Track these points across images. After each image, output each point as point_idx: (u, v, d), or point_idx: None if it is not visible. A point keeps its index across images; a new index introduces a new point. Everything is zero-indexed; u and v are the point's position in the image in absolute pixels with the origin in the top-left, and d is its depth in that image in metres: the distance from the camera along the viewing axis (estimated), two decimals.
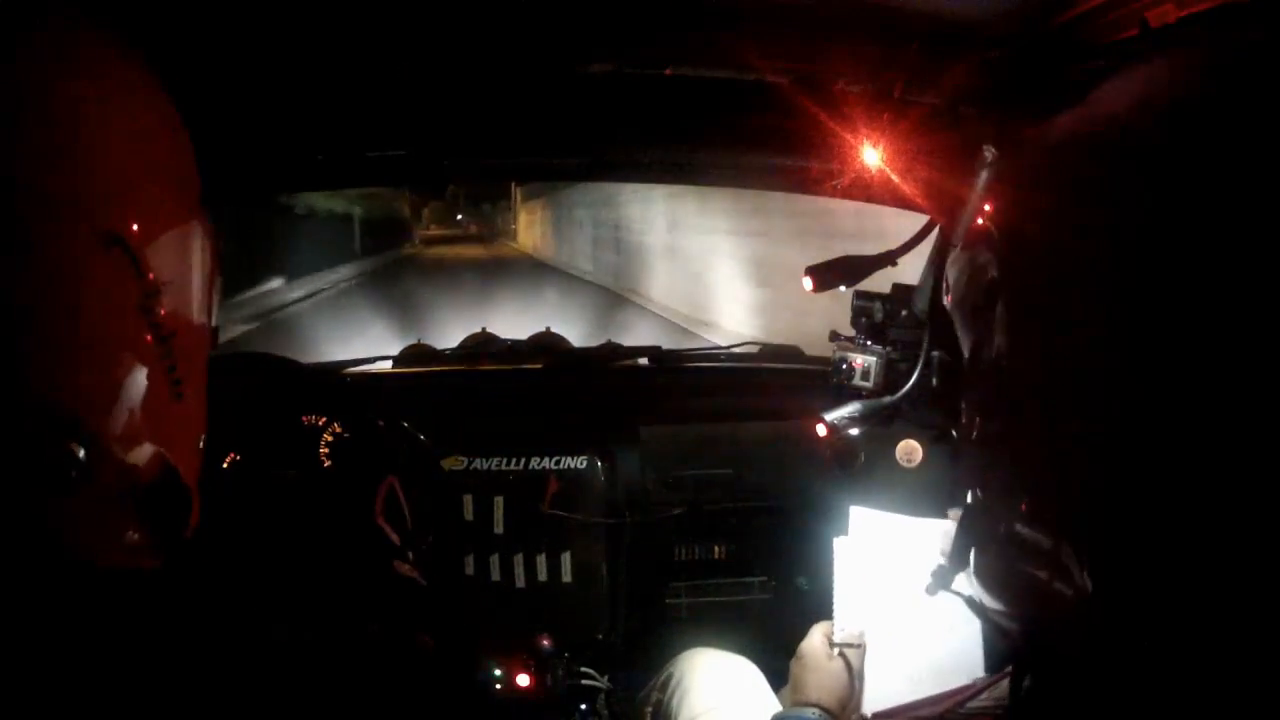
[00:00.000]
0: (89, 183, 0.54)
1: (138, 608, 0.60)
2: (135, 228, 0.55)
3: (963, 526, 0.65)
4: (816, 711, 1.16)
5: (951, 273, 0.69)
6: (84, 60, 0.56)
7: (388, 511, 1.33)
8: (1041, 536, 0.55)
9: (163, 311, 0.58)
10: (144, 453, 0.58)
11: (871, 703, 1.21)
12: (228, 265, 0.70)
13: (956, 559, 0.65)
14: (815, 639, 1.24)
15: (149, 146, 0.59)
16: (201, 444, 0.67)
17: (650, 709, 1.49)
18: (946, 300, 0.68)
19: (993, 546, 0.61)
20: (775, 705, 1.36)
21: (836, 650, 1.22)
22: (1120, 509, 0.50)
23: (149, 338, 0.57)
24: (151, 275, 0.56)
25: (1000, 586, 0.62)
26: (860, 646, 1.22)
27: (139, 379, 0.57)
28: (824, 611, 1.28)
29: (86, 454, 0.53)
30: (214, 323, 0.68)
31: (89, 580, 0.56)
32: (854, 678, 1.21)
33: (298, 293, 13.42)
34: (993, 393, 0.60)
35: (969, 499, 0.64)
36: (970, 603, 0.69)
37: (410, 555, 1.28)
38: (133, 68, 0.59)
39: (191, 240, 0.63)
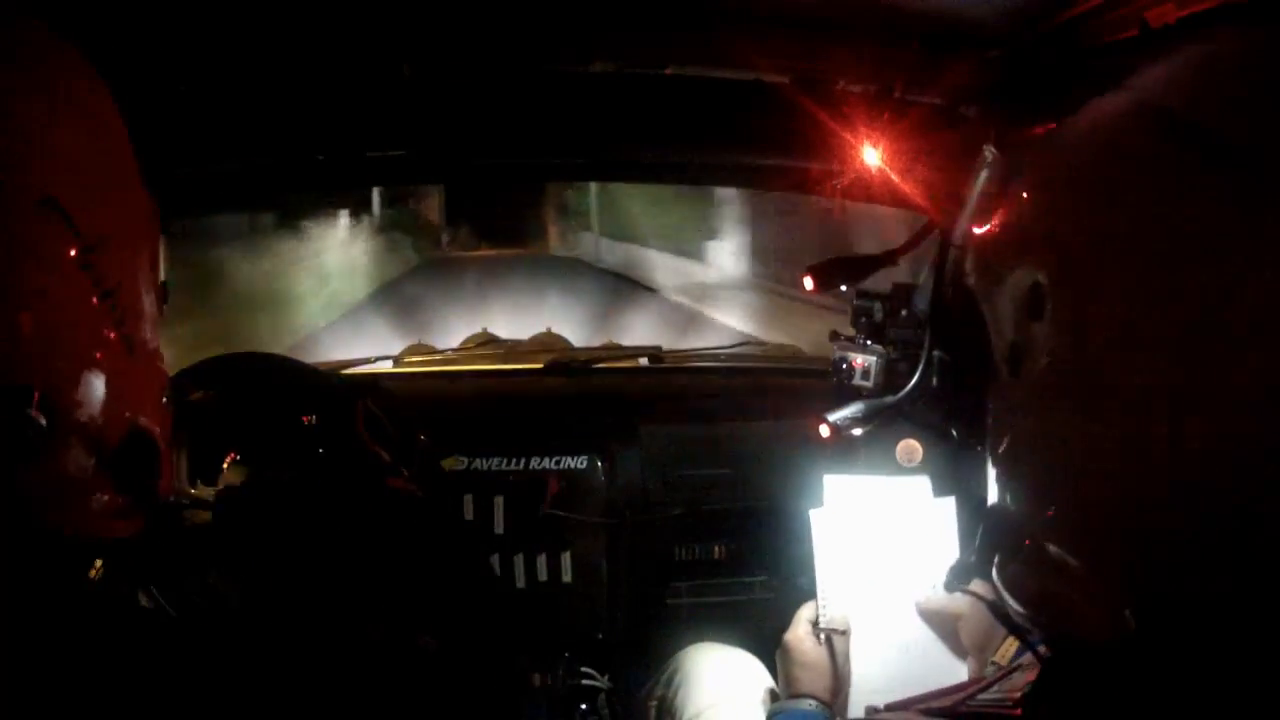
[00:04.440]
0: (14, 147, 0.55)
1: (136, 608, 0.60)
2: (67, 186, 0.57)
3: (986, 531, 0.64)
4: (814, 703, 1.16)
5: (982, 275, 0.68)
6: (6, 42, 0.57)
7: (370, 428, 1.33)
8: (1072, 546, 0.55)
9: (105, 266, 0.59)
10: (105, 411, 0.58)
11: (869, 679, 1.22)
12: None
13: (979, 561, 0.65)
14: (800, 631, 1.24)
15: (79, 117, 0.61)
16: (166, 400, 0.67)
17: (654, 704, 1.49)
18: (983, 305, 0.67)
19: (1018, 553, 0.60)
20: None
21: (823, 637, 1.22)
22: (1161, 523, 0.49)
23: (92, 294, 0.58)
24: (88, 231, 0.57)
25: (1024, 592, 0.61)
26: (845, 632, 1.22)
27: (88, 337, 0.58)
28: None
29: (48, 419, 0.53)
30: (161, 278, 0.69)
31: (69, 560, 0.56)
32: (842, 663, 1.21)
33: None
34: (1031, 399, 0.59)
35: (994, 503, 0.63)
36: (990, 604, 0.69)
37: (403, 473, 1.28)
38: (56, 47, 0.61)
39: (127, 198, 0.64)
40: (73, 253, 0.56)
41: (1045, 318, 0.56)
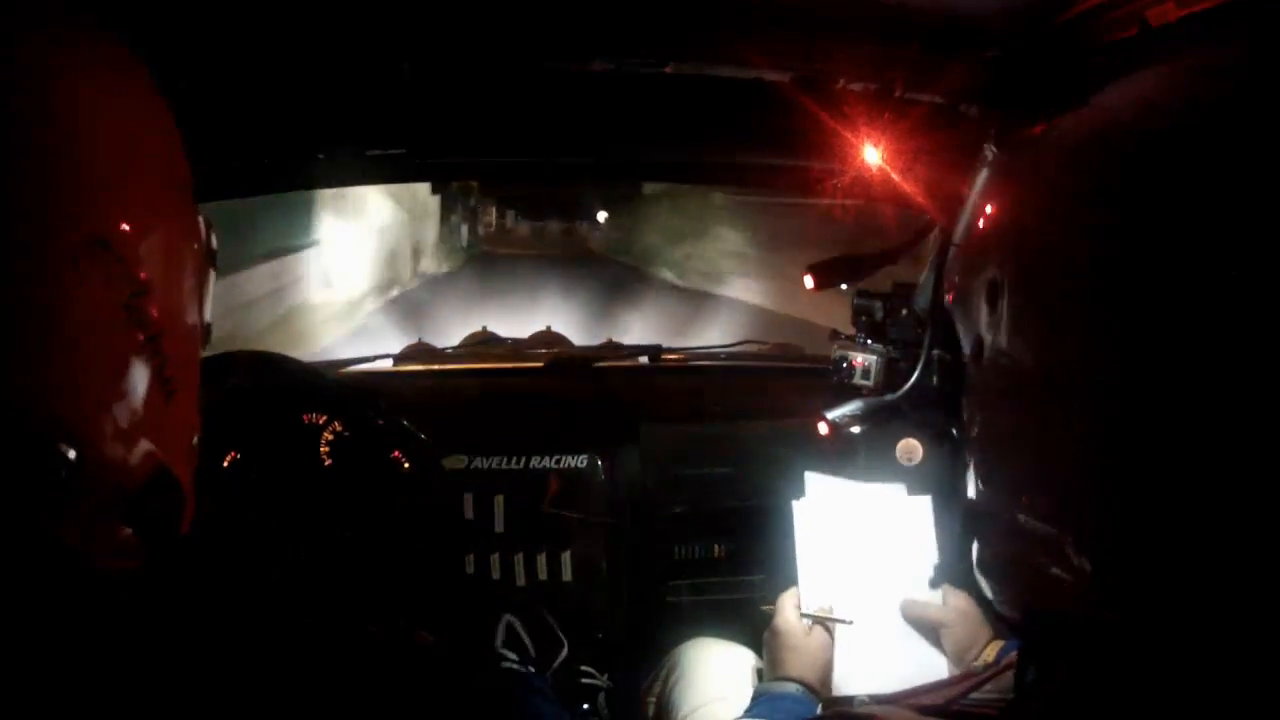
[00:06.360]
0: (73, 184, 0.53)
1: (134, 608, 0.60)
2: (122, 228, 0.55)
3: (964, 520, 0.65)
4: (798, 686, 1.16)
5: (954, 272, 0.70)
6: (70, 58, 0.55)
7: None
8: (1044, 529, 0.56)
9: (151, 311, 0.57)
10: (136, 453, 0.58)
11: (849, 668, 1.23)
12: None
13: (959, 551, 0.66)
14: (788, 614, 1.25)
15: (136, 144, 0.58)
16: (195, 443, 0.66)
17: (653, 700, 1.49)
18: (949, 299, 0.69)
19: (995, 540, 0.62)
20: None
21: (810, 623, 1.23)
22: (1121, 500, 0.50)
23: (138, 337, 0.57)
24: (139, 274, 0.56)
25: (1003, 578, 0.63)
26: (838, 621, 1.23)
27: (128, 379, 0.57)
28: None
29: (77, 455, 0.53)
30: (206, 320, 0.68)
31: (85, 580, 0.56)
32: (827, 648, 1.21)
33: None
34: (994, 391, 0.61)
35: (970, 493, 0.65)
36: (974, 593, 0.70)
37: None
38: (121, 64, 0.59)
39: (181, 238, 0.62)
40: (122, 296, 0.55)
41: (999, 314, 0.58)
